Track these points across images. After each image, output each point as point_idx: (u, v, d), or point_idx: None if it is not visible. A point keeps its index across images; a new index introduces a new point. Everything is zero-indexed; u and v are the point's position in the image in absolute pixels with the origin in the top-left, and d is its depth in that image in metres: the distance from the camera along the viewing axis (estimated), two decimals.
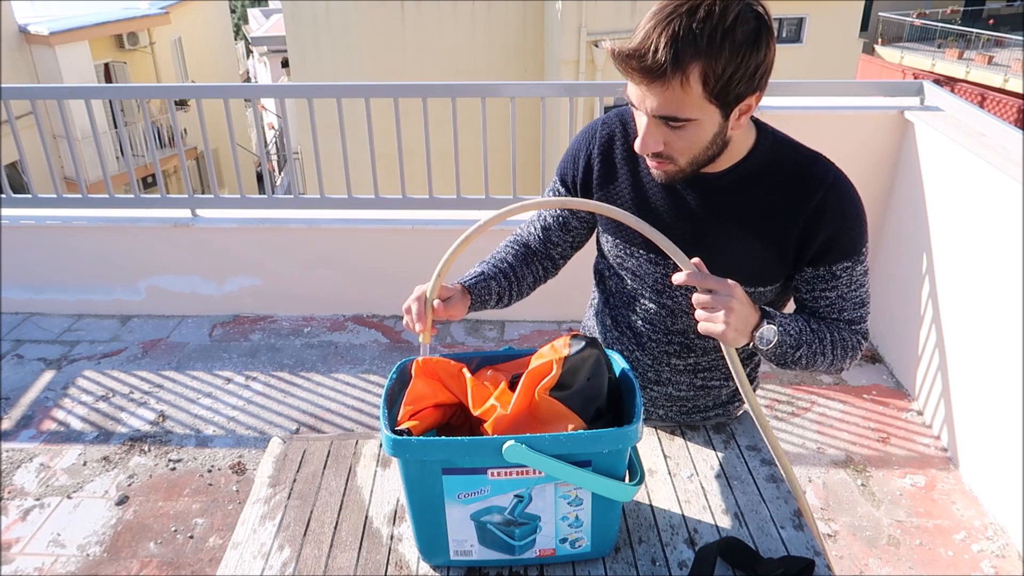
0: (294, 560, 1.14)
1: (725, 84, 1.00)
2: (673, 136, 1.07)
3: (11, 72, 11.26)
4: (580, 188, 1.30)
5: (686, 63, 0.98)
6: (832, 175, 1.16)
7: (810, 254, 1.16)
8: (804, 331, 1.15)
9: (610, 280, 1.38)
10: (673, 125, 1.05)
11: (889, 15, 20.45)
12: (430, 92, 3.16)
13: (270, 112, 18.94)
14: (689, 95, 1.00)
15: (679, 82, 0.99)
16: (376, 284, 3.51)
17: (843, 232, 1.15)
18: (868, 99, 3.19)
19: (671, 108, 1.02)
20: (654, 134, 1.07)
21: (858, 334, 1.22)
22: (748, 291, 1.21)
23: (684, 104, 1.01)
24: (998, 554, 2.26)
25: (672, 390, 1.38)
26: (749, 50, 0.99)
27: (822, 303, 1.20)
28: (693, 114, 1.03)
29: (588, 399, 1.03)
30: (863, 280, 1.20)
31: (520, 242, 1.41)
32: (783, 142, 1.19)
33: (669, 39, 0.97)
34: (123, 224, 3.41)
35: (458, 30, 10.95)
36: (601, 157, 1.27)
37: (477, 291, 1.29)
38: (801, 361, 1.17)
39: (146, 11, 13.72)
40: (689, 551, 1.15)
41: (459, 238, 1.12)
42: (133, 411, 2.91)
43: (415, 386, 1.08)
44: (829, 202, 1.14)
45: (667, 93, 1.01)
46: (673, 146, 1.08)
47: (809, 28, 12.41)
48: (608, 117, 1.29)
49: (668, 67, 0.97)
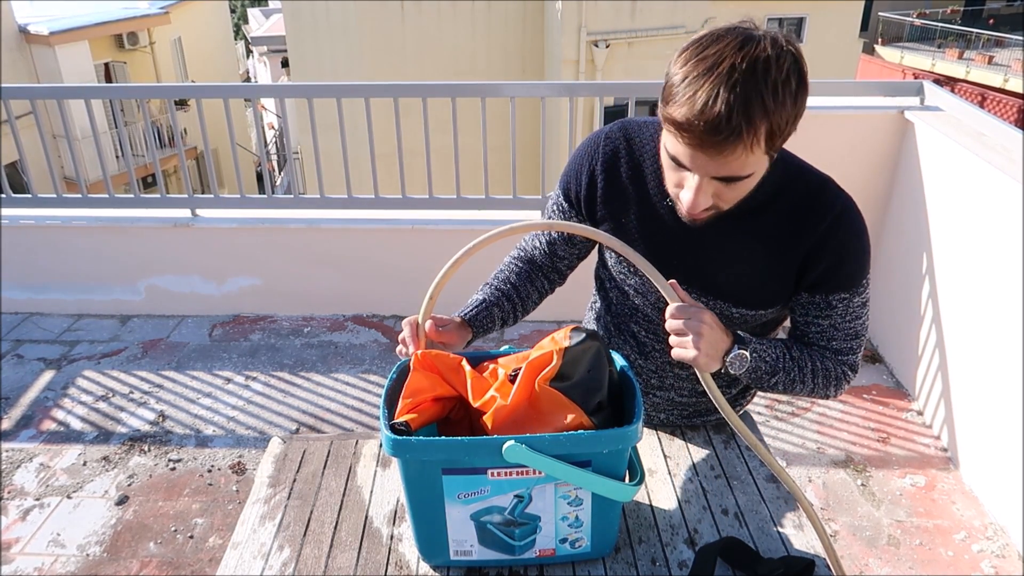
0: (294, 560, 1.14)
1: (783, 137, 0.97)
2: (726, 191, 1.03)
3: (11, 72, 11.26)
4: (584, 203, 1.27)
5: (757, 125, 0.92)
6: (840, 204, 1.13)
7: (809, 281, 1.14)
8: (782, 358, 1.14)
9: (612, 291, 1.36)
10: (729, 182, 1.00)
11: (889, 15, 20.44)
12: (430, 92, 3.16)
13: (270, 112, 18.94)
14: (754, 154, 0.96)
15: (747, 146, 0.93)
16: (376, 284, 3.50)
17: (844, 263, 1.13)
18: (868, 99, 3.18)
19: (733, 170, 0.98)
20: (707, 192, 1.02)
21: (844, 365, 1.19)
22: (749, 313, 1.20)
23: (747, 164, 0.97)
24: (998, 554, 2.26)
25: (674, 395, 1.38)
26: (800, 94, 0.95)
27: (813, 329, 1.18)
28: (752, 170, 1.00)
29: (588, 391, 1.03)
30: (860, 312, 1.17)
31: (525, 258, 1.39)
32: (792, 164, 1.16)
33: (740, 104, 0.90)
34: (123, 224, 3.41)
35: (458, 30, 10.95)
36: (605, 174, 1.23)
37: (479, 321, 1.27)
38: (778, 387, 1.17)
39: (146, 11, 13.71)
40: (689, 551, 1.15)
41: (448, 262, 1.08)
42: (133, 411, 2.91)
43: (414, 379, 1.07)
44: (833, 231, 1.11)
45: (731, 157, 0.95)
46: (723, 197, 1.04)
47: (809, 28, 12.42)
48: (611, 131, 1.25)
49: (742, 134, 0.92)
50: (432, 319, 1.17)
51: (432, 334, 1.16)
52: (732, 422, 1.05)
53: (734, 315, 1.21)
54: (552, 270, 1.40)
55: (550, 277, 1.40)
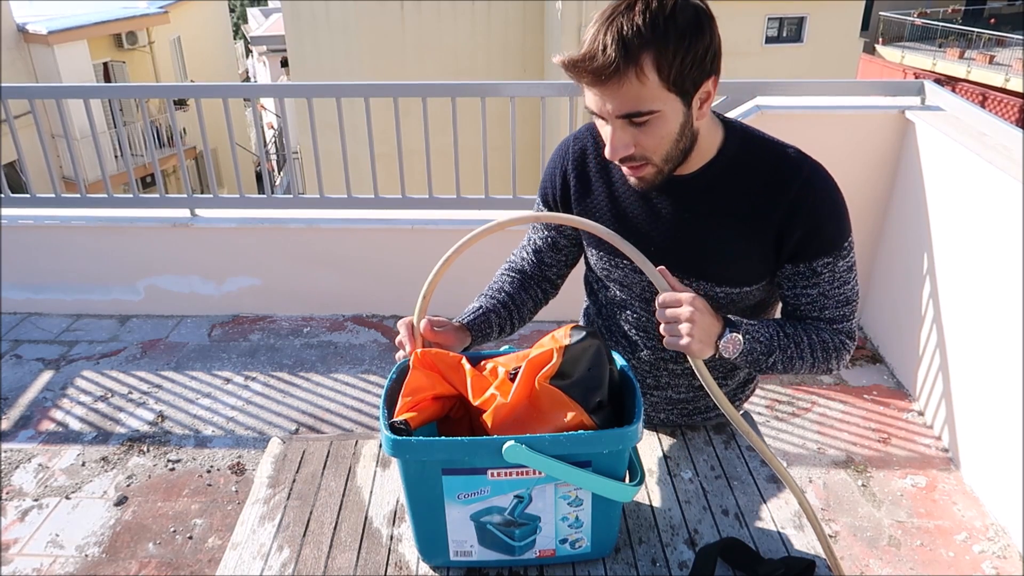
0: (293, 561, 1.14)
1: (679, 70, 1.00)
2: (641, 135, 1.05)
3: (9, 71, 11.26)
4: (560, 205, 1.31)
5: (636, 55, 0.98)
6: (807, 170, 1.14)
7: (788, 251, 1.14)
8: (776, 336, 1.14)
9: (599, 292, 1.38)
10: (638, 122, 1.04)
11: (890, 14, 20.46)
12: (430, 92, 3.16)
13: (269, 112, 18.94)
14: (647, 86, 1.00)
15: (634, 75, 0.99)
16: (376, 284, 3.50)
17: (821, 227, 1.13)
18: (869, 99, 3.18)
19: (632, 104, 1.01)
20: (621, 137, 1.06)
21: (841, 333, 1.19)
22: (734, 291, 1.20)
23: (643, 97, 1.01)
24: (999, 555, 2.26)
25: (672, 393, 1.38)
26: (694, 35, 1.00)
27: (803, 300, 1.18)
28: (655, 105, 1.02)
29: (588, 389, 1.03)
30: (847, 277, 1.17)
31: (515, 269, 1.41)
32: (753, 137, 1.17)
33: (615, 36, 0.97)
34: (122, 224, 3.41)
35: (458, 30, 10.96)
36: (576, 172, 1.27)
37: (477, 326, 1.28)
38: (777, 366, 1.16)
39: (145, 10, 13.71)
40: (689, 552, 1.15)
41: (440, 260, 1.08)
42: (132, 411, 2.91)
43: (414, 377, 1.07)
44: (803, 197, 1.12)
45: (624, 89, 1.00)
46: (643, 145, 1.07)
47: (809, 28, 12.42)
48: (579, 132, 1.29)
49: (620, 62, 0.98)
50: (428, 319, 1.16)
51: (428, 334, 1.16)
52: (727, 411, 1.04)
53: (719, 295, 1.21)
54: (543, 279, 1.41)
55: (542, 287, 1.42)
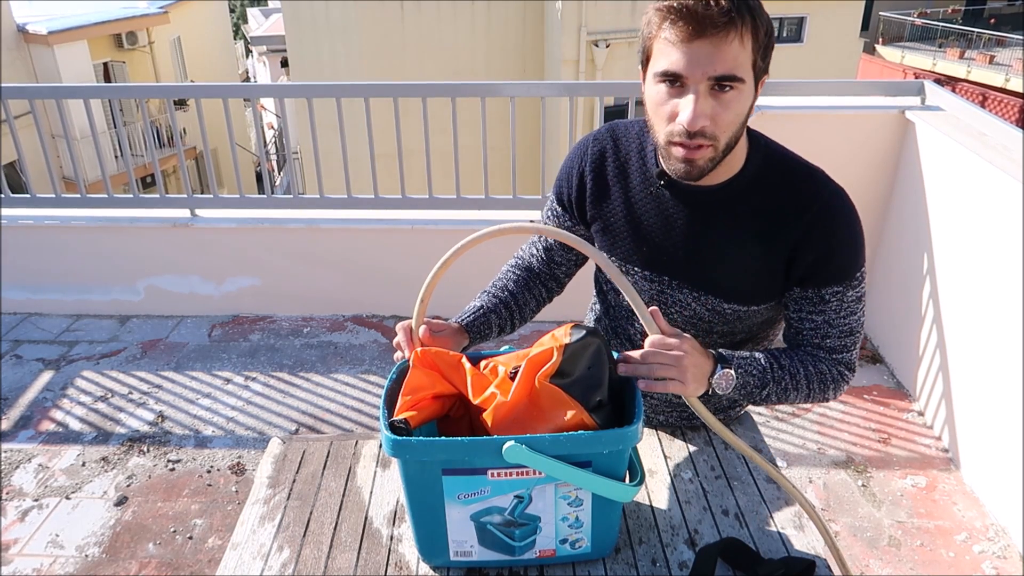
0: (293, 561, 1.14)
1: (765, 46, 1.00)
2: (720, 108, 1.00)
3: (9, 71, 11.25)
4: (575, 205, 1.29)
5: (744, 14, 0.97)
6: (827, 193, 1.11)
7: (798, 274, 1.12)
8: (771, 368, 1.13)
9: (609, 294, 1.37)
10: (725, 87, 0.99)
11: (890, 15, 20.45)
12: (430, 92, 3.15)
13: (269, 112, 18.94)
14: (745, 50, 0.99)
15: (739, 33, 0.97)
16: (376, 284, 3.50)
17: (834, 254, 1.10)
18: (869, 99, 3.18)
19: (729, 65, 0.98)
20: (704, 105, 1.00)
21: (840, 364, 1.17)
22: (742, 309, 1.19)
23: (740, 61, 0.99)
24: (999, 555, 2.26)
25: (673, 397, 1.37)
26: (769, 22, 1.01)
27: (807, 325, 1.16)
28: (744, 74, 1.00)
29: (588, 388, 1.02)
30: (854, 308, 1.15)
31: (522, 266, 1.39)
32: (775, 153, 1.15)
33: None
34: (122, 224, 3.41)
35: (458, 30, 10.95)
36: (593, 174, 1.24)
37: (476, 327, 1.27)
38: (771, 398, 1.15)
39: (145, 10, 13.70)
40: (689, 552, 1.15)
41: (437, 263, 1.07)
42: (132, 411, 2.91)
43: (413, 376, 1.06)
44: (820, 221, 1.09)
45: (725, 48, 0.97)
46: (719, 120, 1.01)
47: (810, 28, 12.41)
48: (599, 133, 1.26)
49: (735, 14, 0.96)
50: (427, 323, 1.15)
51: (427, 340, 1.14)
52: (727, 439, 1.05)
53: (727, 311, 1.20)
54: (550, 277, 1.40)
55: (548, 285, 1.40)
